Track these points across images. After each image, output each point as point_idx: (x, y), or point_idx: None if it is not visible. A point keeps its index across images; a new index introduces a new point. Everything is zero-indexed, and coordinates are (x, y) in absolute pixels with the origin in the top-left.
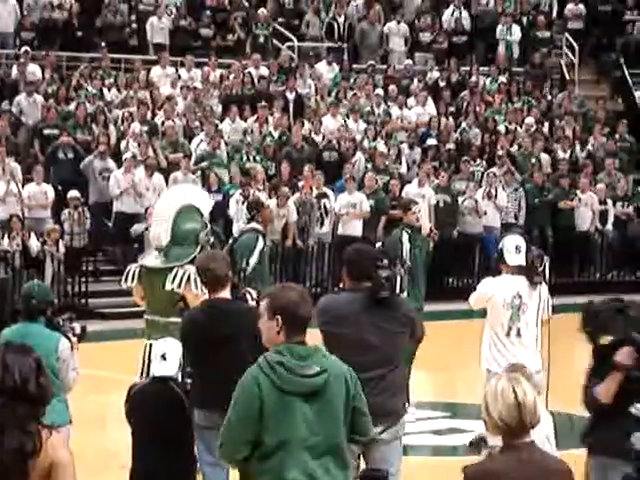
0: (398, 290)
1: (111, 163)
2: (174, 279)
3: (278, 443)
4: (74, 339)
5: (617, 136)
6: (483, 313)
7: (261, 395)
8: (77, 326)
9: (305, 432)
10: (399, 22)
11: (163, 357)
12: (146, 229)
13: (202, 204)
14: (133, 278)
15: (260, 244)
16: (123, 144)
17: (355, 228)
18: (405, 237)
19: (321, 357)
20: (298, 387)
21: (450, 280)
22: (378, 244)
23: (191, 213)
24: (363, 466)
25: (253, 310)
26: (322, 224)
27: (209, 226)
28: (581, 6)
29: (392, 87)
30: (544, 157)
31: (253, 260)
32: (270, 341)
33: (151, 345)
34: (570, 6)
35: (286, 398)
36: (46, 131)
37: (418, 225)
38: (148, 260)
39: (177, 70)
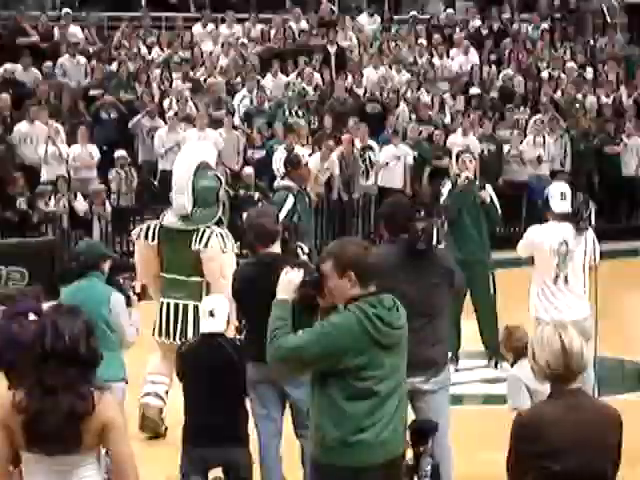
0: (435, 241)
1: (159, 122)
2: (201, 239)
3: (369, 392)
4: (134, 297)
5: None
6: (531, 261)
7: (358, 344)
8: (138, 284)
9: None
10: None
11: (211, 313)
12: None
13: (209, 158)
14: (154, 237)
15: (289, 202)
16: (166, 102)
17: (397, 180)
18: (447, 187)
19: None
20: (393, 339)
21: (498, 229)
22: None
23: (204, 172)
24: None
25: (304, 264)
26: (367, 177)
27: (222, 180)
28: None
29: (435, 37)
30: (588, 103)
31: (280, 217)
32: (346, 297)
33: (168, 303)
34: None
35: (377, 350)
36: (91, 92)
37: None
38: (170, 221)
39: (217, 27)
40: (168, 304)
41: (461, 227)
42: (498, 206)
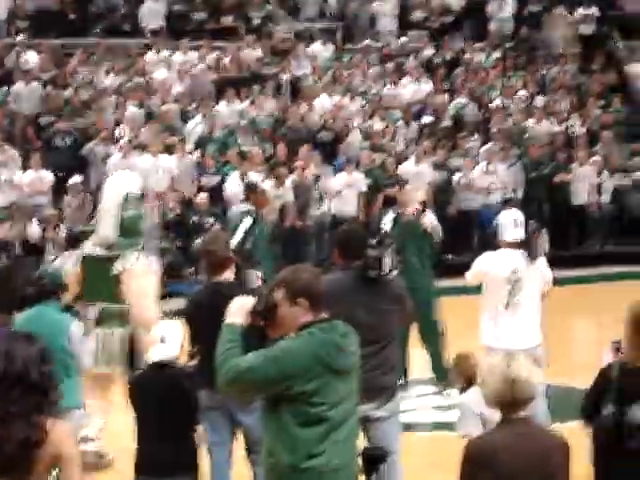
0: (388, 269)
1: (113, 149)
2: (125, 260)
3: (321, 418)
4: (90, 324)
5: (611, 109)
6: (480, 289)
7: (310, 370)
8: (93, 311)
9: (344, 409)
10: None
11: (162, 340)
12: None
13: (134, 188)
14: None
15: (247, 222)
16: (119, 129)
17: (351, 207)
18: (390, 216)
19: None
20: (346, 365)
21: (448, 256)
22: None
23: (129, 202)
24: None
25: (257, 291)
26: (320, 204)
27: (144, 210)
28: None
29: (387, 65)
30: (539, 131)
31: (237, 238)
32: (297, 326)
33: (97, 333)
34: None
35: (330, 375)
36: (43, 119)
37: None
38: (91, 249)
39: (172, 54)
40: (97, 334)
41: (404, 256)
42: (439, 230)
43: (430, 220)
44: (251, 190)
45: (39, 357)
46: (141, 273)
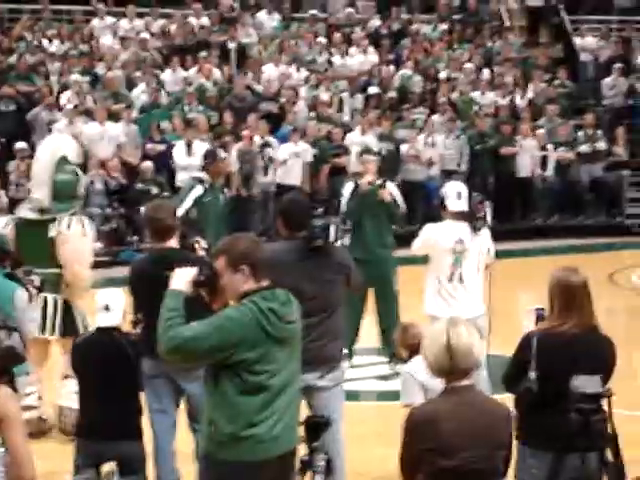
0: (333, 238)
1: (58, 114)
2: (60, 224)
3: (262, 386)
4: (34, 291)
5: (557, 82)
6: (425, 259)
7: (252, 338)
8: (36, 278)
9: (284, 377)
10: None
11: (106, 308)
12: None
13: (69, 151)
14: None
15: (197, 191)
16: (64, 96)
17: (295, 177)
18: (348, 188)
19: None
20: (286, 333)
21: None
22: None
23: (63, 166)
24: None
25: (201, 259)
26: (266, 173)
27: (79, 173)
28: None
29: (335, 35)
30: (484, 104)
31: (185, 206)
32: (238, 293)
33: (46, 298)
34: None
35: (270, 344)
36: None
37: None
38: (25, 212)
39: (118, 21)
40: (45, 298)
41: (361, 227)
42: (401, 203)
43: (390, 191)
44: (211, 158)
45: None
46: (75, 237)
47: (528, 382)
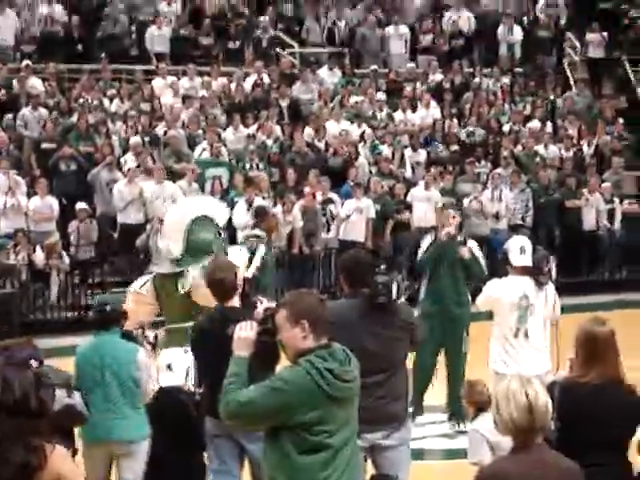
0: (396, 295)
1: (118, 174)
2: (184, 282)
3: (322, 445)
4: (149, 347)
5: (620, 134)
6: (490, 315)
7: (311, 400)
8: (150, 335)
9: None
10: (397, 24)
11: (169, 367)
12: (148, 237)
13: (216, 214)
14: (144, 286)
15: (262, 250)
16: (125, 155)
17: (358, 233)
18: (427, 240)
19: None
20: (344, 392)
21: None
22: None
23: (204, 224)
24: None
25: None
26: (328, 230)
27: (222, 236)
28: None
29: (396, 90)
30: (549, 157)
31: (254, 265)
32: (297, 349)
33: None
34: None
35: (330, 404)
36: (44, 145)
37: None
38: (162, 268)
39: (179, 79)
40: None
41: (438, 282)
42: (482, 261)
43: (470, 249)
44: (261, 215)
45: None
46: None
47: (548, 432)
